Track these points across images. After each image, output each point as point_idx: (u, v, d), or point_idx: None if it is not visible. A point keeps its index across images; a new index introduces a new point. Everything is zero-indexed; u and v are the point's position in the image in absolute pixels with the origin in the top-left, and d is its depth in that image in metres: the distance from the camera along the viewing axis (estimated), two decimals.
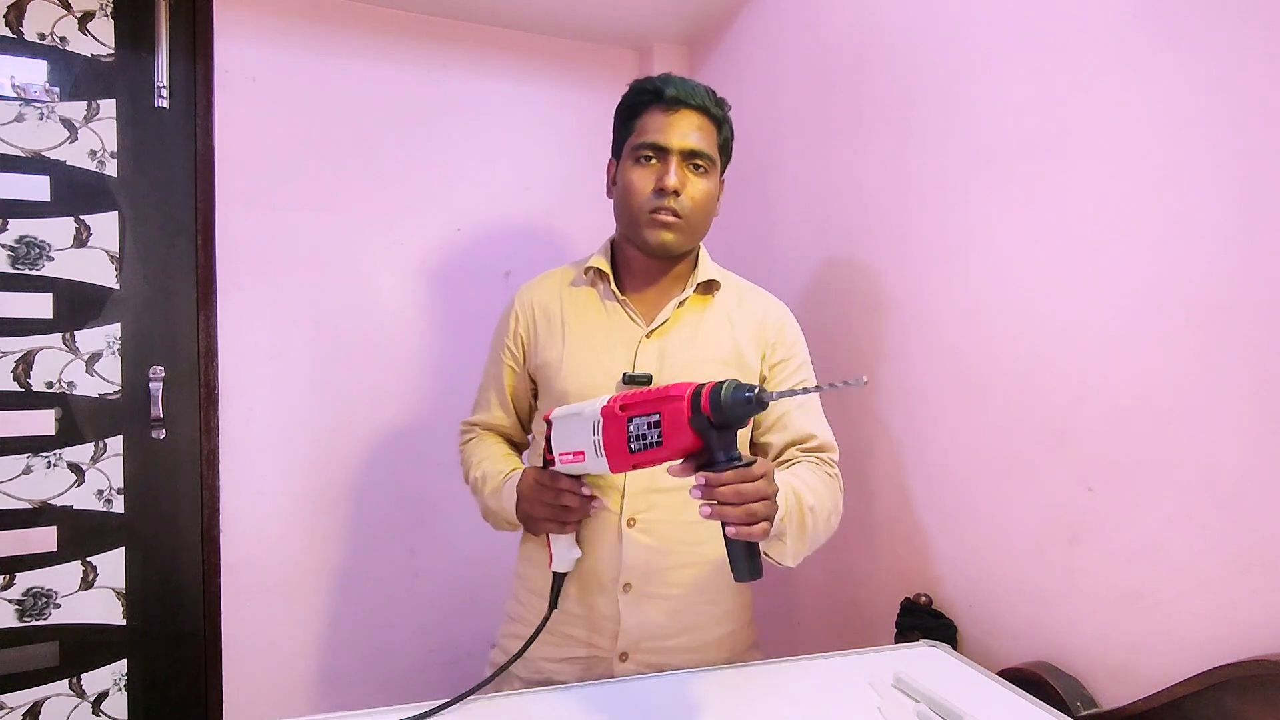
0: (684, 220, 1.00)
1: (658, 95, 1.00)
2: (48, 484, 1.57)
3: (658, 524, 0.99)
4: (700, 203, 1.01)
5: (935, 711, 0.83)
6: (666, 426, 0.73)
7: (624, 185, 1.02)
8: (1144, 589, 0.93)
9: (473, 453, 1.13)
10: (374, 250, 1.90)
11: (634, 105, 1.03)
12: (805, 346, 1.12)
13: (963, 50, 1.20)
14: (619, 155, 1.06)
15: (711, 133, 1.02)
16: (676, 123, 0.99)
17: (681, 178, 0.99)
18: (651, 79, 1.03)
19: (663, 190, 0.98)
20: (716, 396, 0.70)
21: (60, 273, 1.58)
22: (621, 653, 1.01)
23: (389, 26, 1.90)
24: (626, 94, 1.06)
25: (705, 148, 1.00)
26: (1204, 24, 0.86)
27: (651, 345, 1.02)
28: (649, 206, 0.99)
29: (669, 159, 0.99)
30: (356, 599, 1.89)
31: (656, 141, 0.99)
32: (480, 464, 1.09)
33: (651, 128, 1.00)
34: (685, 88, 1.00)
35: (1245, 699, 0.78)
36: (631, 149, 1.02)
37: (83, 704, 1.61)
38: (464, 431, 1.19)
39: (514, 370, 1.11)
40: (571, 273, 1.11)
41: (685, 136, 0.99)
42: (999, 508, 1.14)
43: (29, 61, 1.55)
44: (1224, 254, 0.84)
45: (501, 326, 1.13)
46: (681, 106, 0.99)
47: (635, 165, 1.01)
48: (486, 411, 1.15)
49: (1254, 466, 0.81)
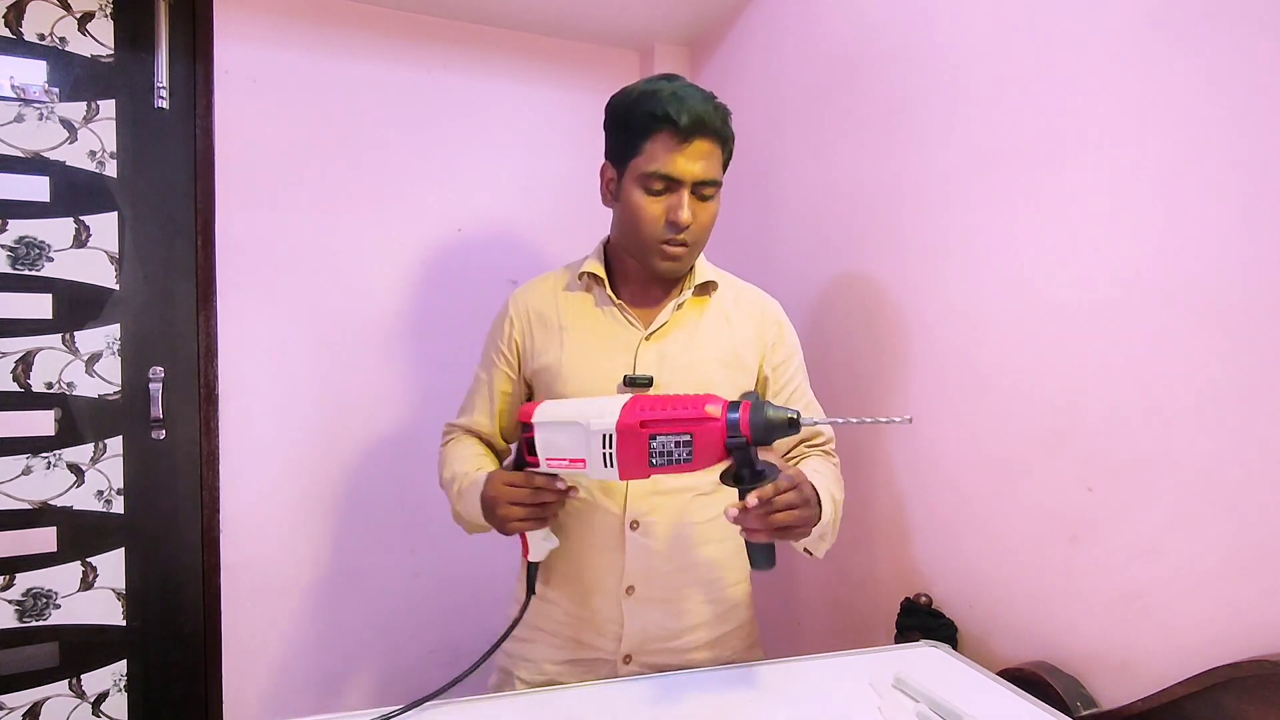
0: (692, 247, 0.99)
1: (670, 122, 0.93)
2: (48, 484, 1.57)
3: (661, 526, 0.99)
4: (707, 226, 1.00)
5: (935, 711, 0.83)
6: (699, 447, 0.75)
7: (632, 211, 0.98)
8: (1144, 589, 0.93)
9: (448, 454, 1.11)
10: (374, 250, 1.90)
11: (643, 125, 0.95)
12: (799, 343, 1.13)
13: (964, 51, 1.20)
14: (619, 165, 1.00)
15: (719, 154, 0.98)
16: (690, 153, 0.94)
17: (693, 208, 0.96)
18: (659, 96, 0.94)
19: (675, 224, 0.95)
20: (759, 419, 0.73)
21: (60, 273, 1.58)
22: (625, 655, 1.01)
23: (389, 26, 1.90)
24: (628, 102, 0.98)
25: (715, 174, 0.97)
26: (1204, 24, 0.86)
27: (651, 348, 1.01)
28: (661, 238, 0.97)
29: (681, 191, 0.95)
30: (356, 599, 1.89)
31: (669, 174, 0.94)
32: (451, 464, 1.08)
33: (662, 156, 0.94)
34: (697, 113, 0.93)
35: (1245, 699, 0.78)
36: (640, 174, 0.96)
37: (83, 704, 1.61)
38: (445, 433, 1.17)
39: (508, 376, 1.09)
40: (565, 276, 1.10)
41: (697, 167, 0.95)
42: (999, 508, 1.14)
43: (29, 62, 1.55)
44: (1224, 254, 0.84)
45: (495, 331, 1.12)
46: (695, 136, 0.93)
47: (644, 193, 0.96)
48: (470, 416, 1.13)
49: (1254, 466, 0.81)
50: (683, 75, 1.05)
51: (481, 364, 1.14)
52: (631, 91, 0.99)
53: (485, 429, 1.12)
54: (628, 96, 0.99)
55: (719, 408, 0.76)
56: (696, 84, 1.00)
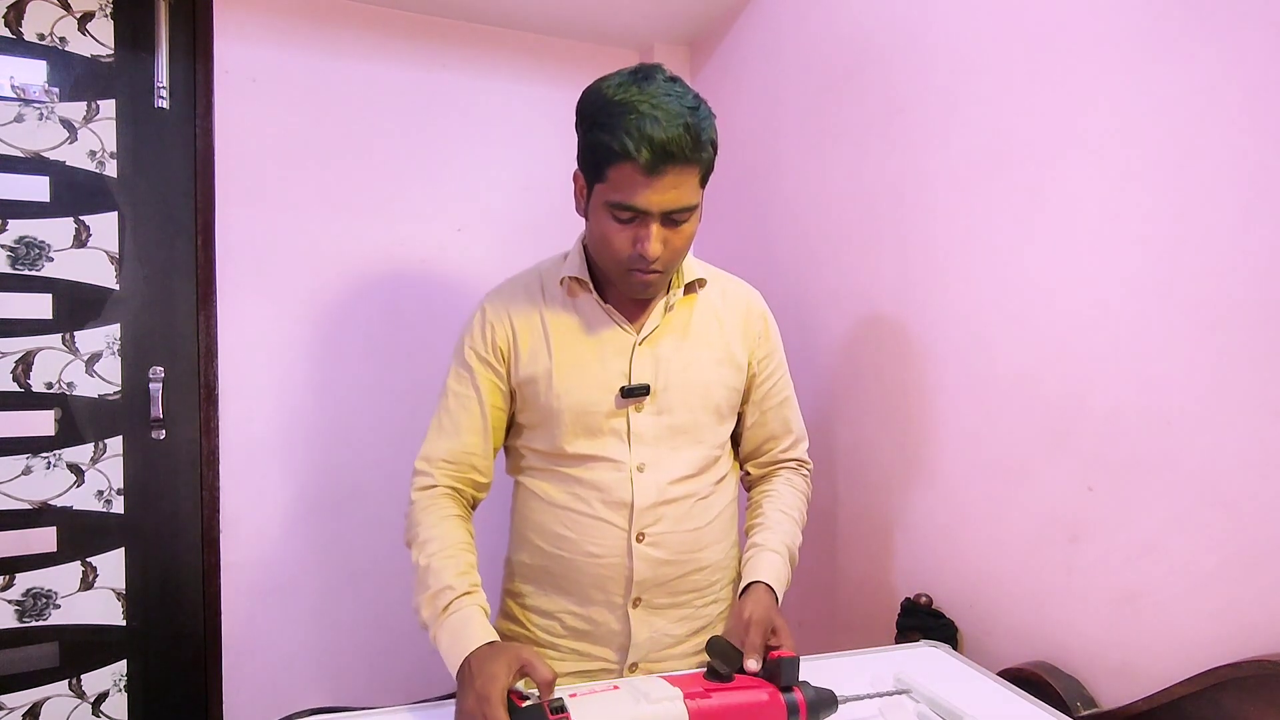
0: (664, 272, 0.92)
1: (627, 157, 0.82)
2: (48, 484, 1.57)
3: (666, 535, 0.97)
4: (682, 249, 0.92)
5: (935, 711, 0.83)
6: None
7: (600, 236, 0.90)
8: (1144, 589, 0.93)
9: (422, 525, 0.92)
10: (374, 250, 1.90)
11: (605, 153, 0.84)
12: (780, 336, 1.11)
13: (964, 52, 1.20)
14: (587, 181, 0.92)
15: (694, 174, 0.86)
16: (658, 186, 0.83)
17: (662, 237, 0.87)
18: (622, 122, 0.82)
19: (644, 257, 0.87)
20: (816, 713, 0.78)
21: (60, 273, 1.58)
22: (631, 664, 1.00)
23: (389, 26, 1.90)
24: (594, 113, 0.88)
25: (687, 200, 0.86)
26: (1204, 26, 0.86)
27: (645, 352, 0.98)
28: (629, 266, 0.90)
29: (649, 222, 0.86)
30: (356, 599, 1.89)
31: (634, 205, 0.85)
32: (427, 549, 0.89)
33: (626, 188, 0.84)
34: (660, 139, 0.81)
35: (1245, 699, 0.78)
36: (605, 202, 0.87)
37: (83, 704, 1.61)
38: (419, 473, 0.98)
39: (496, 386, 0.99)
40: (541, 279, 1.03)
41: (665, 198, 0.84)
42: (999, 508, 1.14)
43: (29, 62, 1.55)
44: (1224, 255, 0.84)
45: (472, 340, 1.01)
46: (663, 168, 0.82)
47: (610, 220, 0.88)
48: (455, 438, 0.98)
49: (1253, 466, 0.81)
50: (682, 75, 1.01)
51: (455, 377, 1.00)
52: (599, 98, 0.87)
53: (476, 451, 0.99)
54: (594, 104, 0.88)
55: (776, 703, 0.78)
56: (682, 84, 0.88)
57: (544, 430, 0.98)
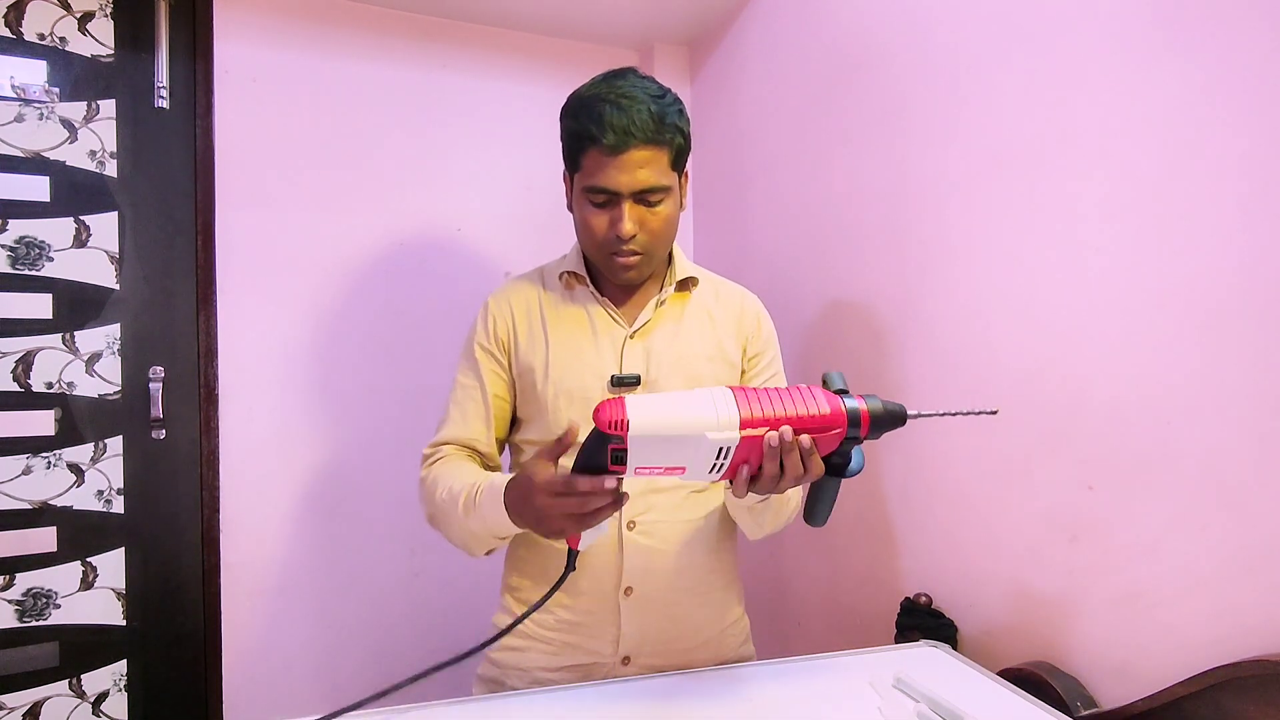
0: (645, 255, 0.98)
1: (595, 141, 0.91)
2: (48, 484, 1.57)
3: (657, 525, 0.99)
4: (660, 231, 0.97)
5: (935, 711, 0.83)
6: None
7: (581, 223, 0.99)
8: (1144, 589, 0.93)
9: (439, 474, 1.00)
10: (375, 250, 1.90)
11: (575, 141, 0.94)
12: (776, 336, 1.12)
13: (963, 52, 1.20)
14: (569, 175, 1.01)
15: (662, 156, 0.93)
16: (622, 165, 0.91)
17: (637, 217, 0.94)
18: (590, 110, 0.92)
19: (619, 237, 0.95)
20: (881, 420, 0.74)
21: (60, 273, 1.58)
22: (624, 657, 1.00)
23: (389, 26, 1.90)
24: (568, 111, 0.96)
25: (656, 180, 0.93)
26: (1204, 25, 0.86)
27: (636, 345, 1.01)
28: (608, 249, 0.97)
29: (620, 202, 0.94)
30: (356, 599, 1.89)
31: (604, 186, 0.93)
32: (447, 482, 0.97)
33: (595, 171, 0.93)
34: (622, 122, 0.89)
35: (1245, 699, 0.78)
36: (582, 188, 0.96)
37: (83, 704, 1.61)
38: (428, 456, 1.05)
39: (499, 376, 1.05)
40: (542, 277, 1.09)
41: (633, 177, 0.92)
42: (999, 507, 1.14)
43: (29, 62, 1.55)
44: (1224, 255, 0.84)
45: (477, 334, 1.07)
46: (627, 148, 0.90)
47: (588, 205, 0.96)
48: (462, 425, 1.04)
49: (1254, 466, 0.81)
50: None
51: (461, 371, 1.07)
52: (573, 98, 0.97)
53: (481, 439, 1.04)
54: (570, 103, 0.97)
55: (835, 408, 0.74)
56: (653, 80, 0.96)
57: (540, 422, 1.02)
